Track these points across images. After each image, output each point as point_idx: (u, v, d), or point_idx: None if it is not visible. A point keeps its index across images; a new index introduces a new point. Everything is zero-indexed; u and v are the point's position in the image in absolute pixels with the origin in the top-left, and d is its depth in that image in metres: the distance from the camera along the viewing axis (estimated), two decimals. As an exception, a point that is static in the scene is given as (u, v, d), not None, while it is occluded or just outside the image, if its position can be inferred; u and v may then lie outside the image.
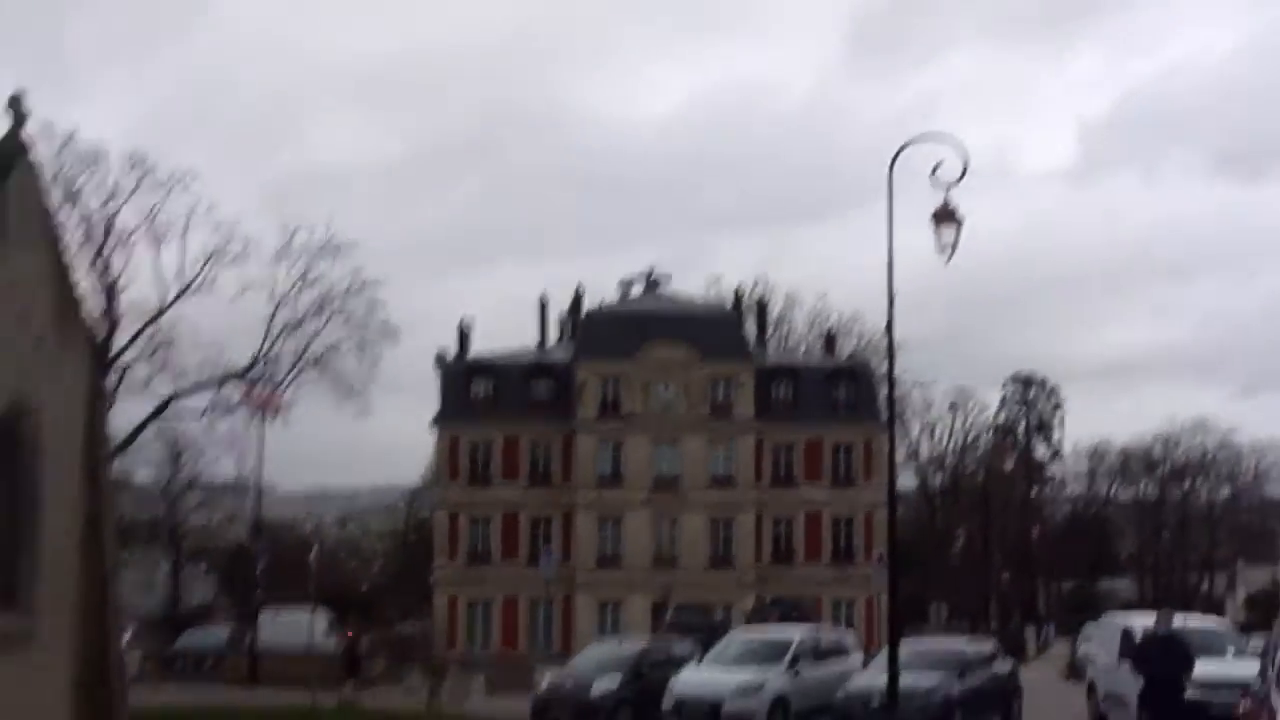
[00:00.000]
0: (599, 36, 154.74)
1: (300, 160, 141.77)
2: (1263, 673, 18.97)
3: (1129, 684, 26.44)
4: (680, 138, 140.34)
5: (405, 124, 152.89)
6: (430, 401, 74.59)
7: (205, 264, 54.75)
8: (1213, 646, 26.24)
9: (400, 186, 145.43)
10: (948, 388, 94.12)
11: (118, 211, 52.77)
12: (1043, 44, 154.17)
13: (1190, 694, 22.41)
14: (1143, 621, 29.16)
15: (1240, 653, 26.89)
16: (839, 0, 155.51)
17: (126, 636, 30.62)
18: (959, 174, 23.13)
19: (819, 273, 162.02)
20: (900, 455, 71.63)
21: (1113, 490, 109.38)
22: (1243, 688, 20.04)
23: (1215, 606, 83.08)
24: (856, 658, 34.43)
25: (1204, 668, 23.35)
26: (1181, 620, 26.87)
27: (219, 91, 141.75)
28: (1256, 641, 30.69)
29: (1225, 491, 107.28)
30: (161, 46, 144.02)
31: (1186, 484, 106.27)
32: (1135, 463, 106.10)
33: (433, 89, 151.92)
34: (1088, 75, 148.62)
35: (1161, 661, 22.70)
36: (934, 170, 23.34)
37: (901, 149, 24.19)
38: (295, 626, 49.58)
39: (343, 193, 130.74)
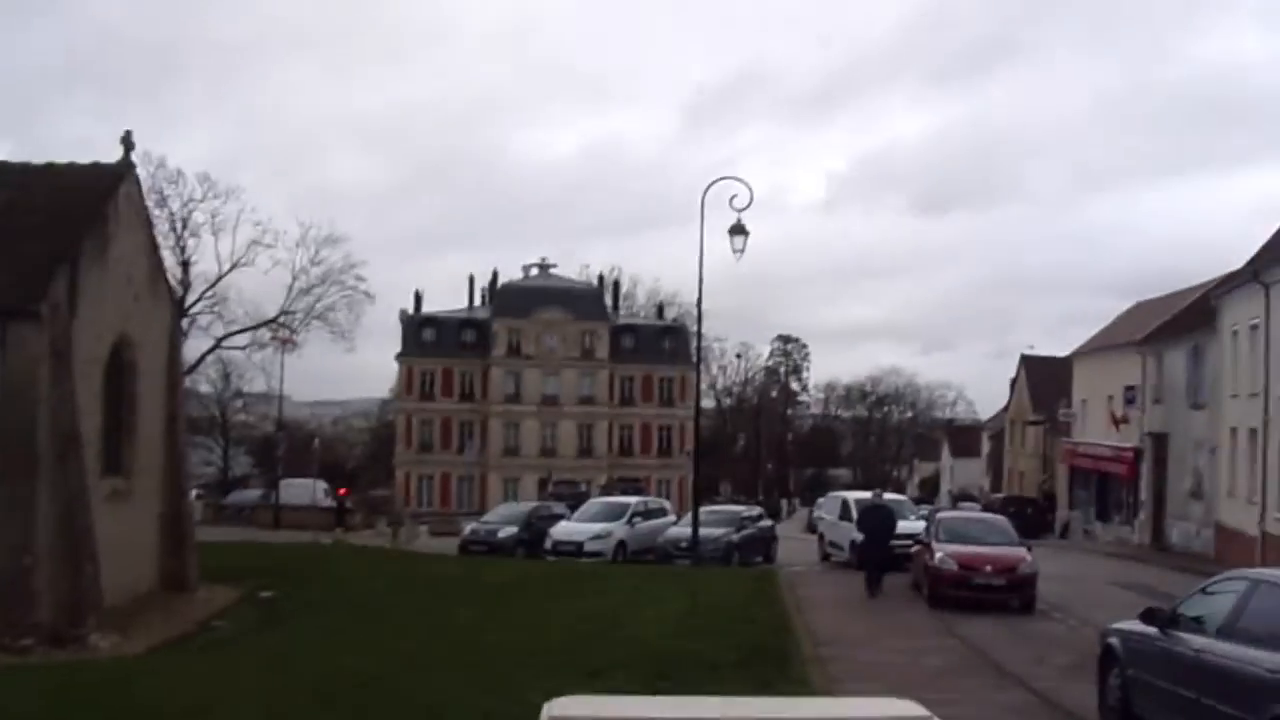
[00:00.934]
0: (521, 103, 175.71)
1: (319, 179, 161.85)
2: (927, 528, 24.91)
3: (844, 535, 30.99)
4: (570, 172, 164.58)
5: (392, 158, 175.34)
6: (395, 343, 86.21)
7: (248, 248, 58.42)
8: (902, 513, 29.45)
9: (384, 198, 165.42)
10: (735, 342, 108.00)
11: (191, 212, 56.44)
12: (807, 122, 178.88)
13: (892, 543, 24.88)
14: (855, 496, 33.40)
15: (917, 517, 30.91)
16: (679, 85, 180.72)
17: (193, 493, 31.94)
18: (747, 203, 27.70)
19: (657, 265, 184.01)
20: (704, 386, 74.53)
21: (839, 412, 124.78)
22: (915, 538, 25.27)
23: (900, 487, 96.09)
24: (672, 517, 38.05)
25: (899, 526, 26.27)
26: (881, 495, 29.35)
27: (265, 130, 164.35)
28: (925, 509, 38.47)
29: (909, 414, 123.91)
30: (228, 99, 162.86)
31: (885, 409, 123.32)
32: (854, 394, 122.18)
33: (410, 132, 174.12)
34: (835, 145, 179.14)
35: (873, 522, 24.79)
36: (731, 200, 27.89)
37: (710, 185, 29.14)
38: (304, 490, 57.19)
39: (345, 200, 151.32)
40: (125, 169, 19.81)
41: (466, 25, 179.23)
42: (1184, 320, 43.74)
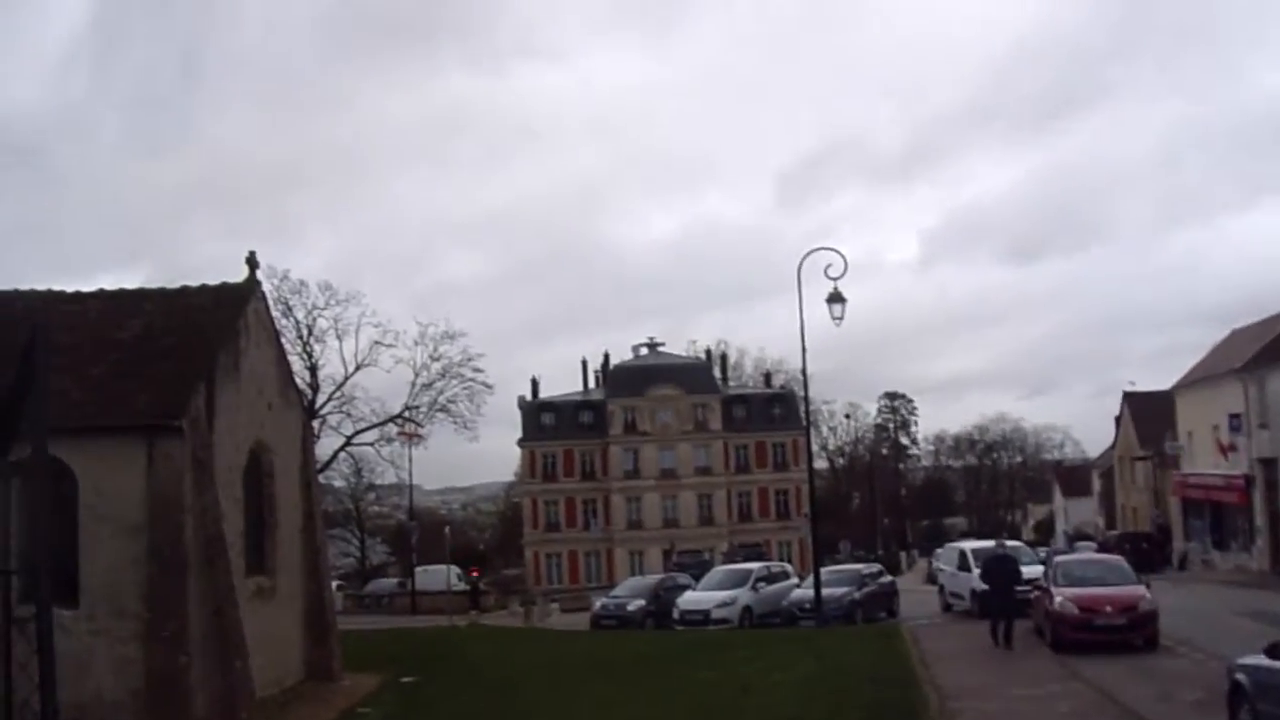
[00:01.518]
0: (619, 189, 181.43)
1: (434, 278, 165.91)
2: (1045, 573, 24.31)
3: (964, 585, 30.34)
4: (672, 252, 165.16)
5: (500, 252, 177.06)
6: (516, 429, 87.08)
7: (370, 349, 58.38)
8: (1020, 558, 26.66)
9: (496, 292, 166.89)
10: (843, 403, 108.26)
11: (316, 319, 56.55)
12: (895, 187, 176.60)
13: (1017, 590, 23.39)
14: (972, 546, 33.03)
15: (1034, 562, 28.96)
16: (769, 163, 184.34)
17: (333, 585, 30.36)
18: (842, 271, 27.88)
19: (761, 334, 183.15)
20: (815, 448, 79.13)
21: (949, 462, 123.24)
22: (1035, 584, 24.12)
23: (1015, 531, 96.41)
24: (794, 580, 37.36)
25: (1024, 571, 24.66)
26: (1004, 545, 27.60)
27: (382, 236, 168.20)
28: (1041, 551, 38.55)
29: (1018, 459, 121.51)
30: (345, 209, 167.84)
31: (995, 455, 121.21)
32: (962, 443, 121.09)
33: (516, 226, 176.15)
34: (925, 203, 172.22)
35: (999, 573, 23.53)
36: (827, 269, 28.07)
37: (806, 256, 29.12)
38: (438, 575, 55.60)
39: (460, 296, 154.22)
40: (251, 287, 20.36)
41: (562, 121, 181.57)
42: (1282, 344, 42.45)
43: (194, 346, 18.45)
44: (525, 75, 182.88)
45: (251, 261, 20.39)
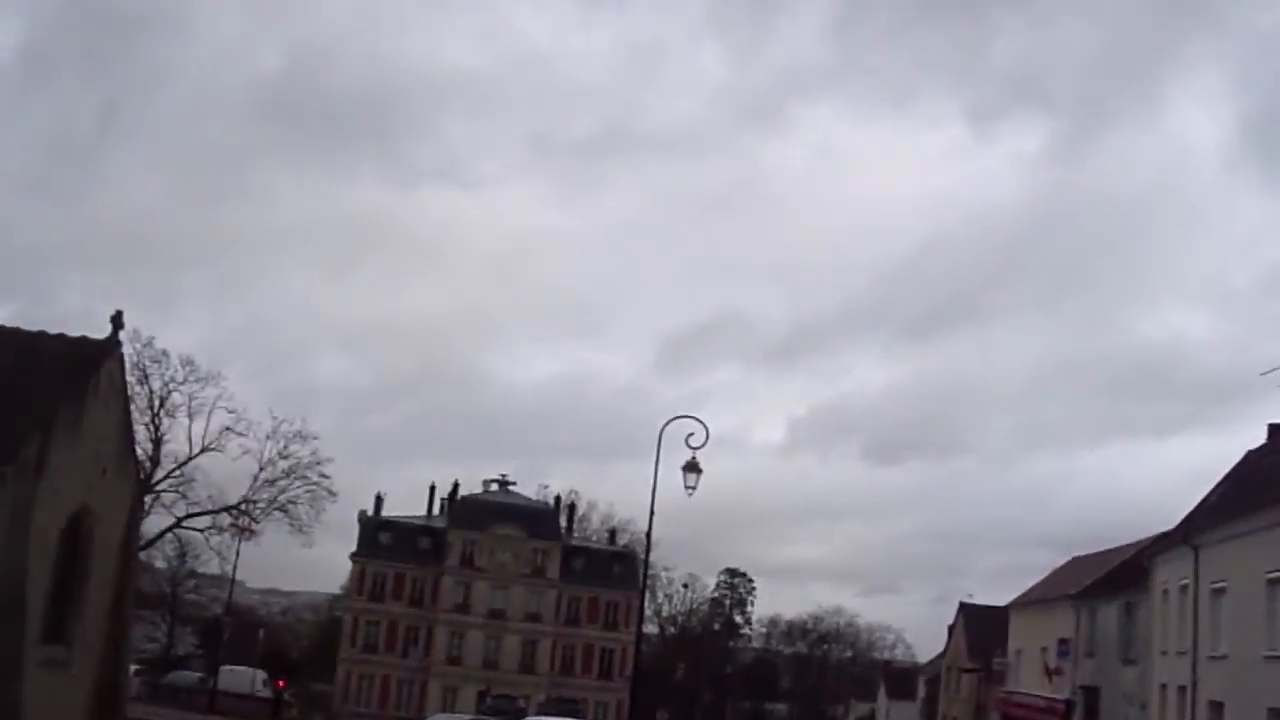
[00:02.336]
0: (503, 324, 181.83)
1: (301, 376, 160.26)
2: None
3: None
4: (542, 394, 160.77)
5: (374, 363, 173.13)
6: (351, 541, 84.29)
7: (220, 434, 57.96)
8: None
9: (361, 400, 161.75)
10: (684, 572, 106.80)
11: (171, 392, 55.81)
12: (772, 370, 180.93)
13: None
14: None
15: None
16: (657, 326, 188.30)
17: (132, 669, 31.26)
18: (703, 441, 26.80)
19: (615, 491, 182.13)
20: (649, 612, 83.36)
21: (780, 647, 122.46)
22: None
23: None
24: None
25: None
26: None
27: (257, 325, 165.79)
28: None
29: (848, 653, 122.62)
30: (226, 291, 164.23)
31: (826, 646, 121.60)
32: (795, 630, 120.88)
33: (396, 343, 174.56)
34: (798, 390, 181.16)
35: None
36: (688, 438, 26.89)
37: (669, 421, 27.85)
38: (243, 677, 56.72)
39: (323, 399, 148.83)
40: (110, 347, 20.16)
41: (462, 249, 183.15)
42: (1117, 577, 43.86)
43: (39, 395, 18.01)
44: (436, 197, 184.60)
45: (116, 321, 20.15)
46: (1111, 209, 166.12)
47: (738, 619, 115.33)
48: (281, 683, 55.02)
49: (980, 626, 63.68)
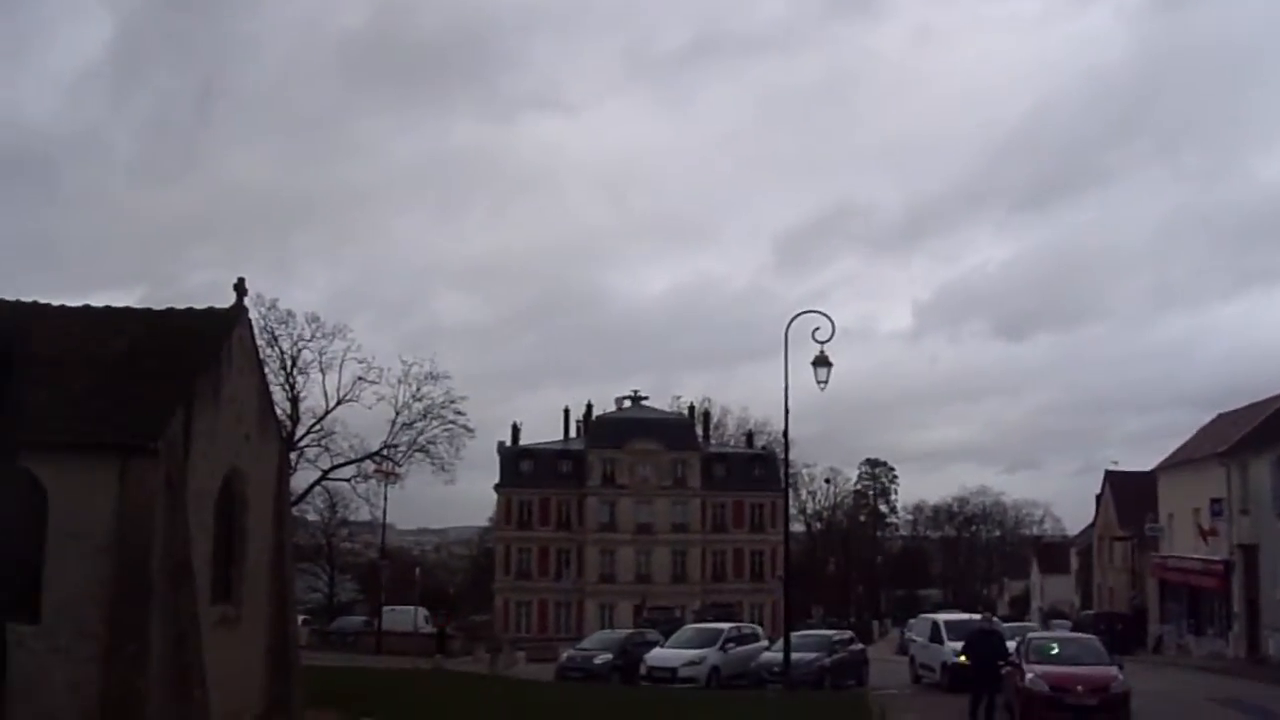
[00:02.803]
0: (619, 245, 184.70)
1: (427, 320, 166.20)
2: (1018, 649, 23.75)
3: (935, 657, 30.58)
4: (665, 309, 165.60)
5: (494, 298, 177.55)
6: (493, 474, 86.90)
7: (353, 384, 58.40)
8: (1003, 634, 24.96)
9: (486, 338, 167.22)
10: (824, 468, 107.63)
11: (300, 351, 56.72)
12: (892, 257, 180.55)
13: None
14: (945, 618, 33.72)
15: (1010, 638, 26.07)
16: (768, 226, 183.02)
17: (299, 620, 30.65)
18: (829, 335, 27.17)
19: (747, 395, 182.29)
20: (793, 511, 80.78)
21: (927, 532, 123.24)
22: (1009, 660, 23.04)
23: (990, 605, 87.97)
24: (764, 642, 37.03)
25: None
26: (991, 619, 26.59)
27: (380, 275, 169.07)
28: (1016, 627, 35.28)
29: (996, 532, 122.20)
30: (346, 247, 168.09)
31: (973, 528, 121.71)
32: (941, 514, 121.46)
33: (514, 276, 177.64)
34: (921, 275, 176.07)
35: (985, 648, 22.65)
36: (814, 332, 27.38)
37: (794, 318, 28.32)
38: (406, 616, 57.87)
39: (451, 339, 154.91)
40: (237, 313, 20.21)
41: (568, 174, 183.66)
42: (1266, 431, 42.72)
43: (175, 369, 18.23)
44: (536, 126, 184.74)
45: (240, 288, 20.26)
46: (1223, 54, 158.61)
47: (882, 509, 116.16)
48: (445, 618, 56.38)
49: (1128, 493, 62.67)
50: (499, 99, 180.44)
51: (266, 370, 25.79)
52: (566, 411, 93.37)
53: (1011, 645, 25.38)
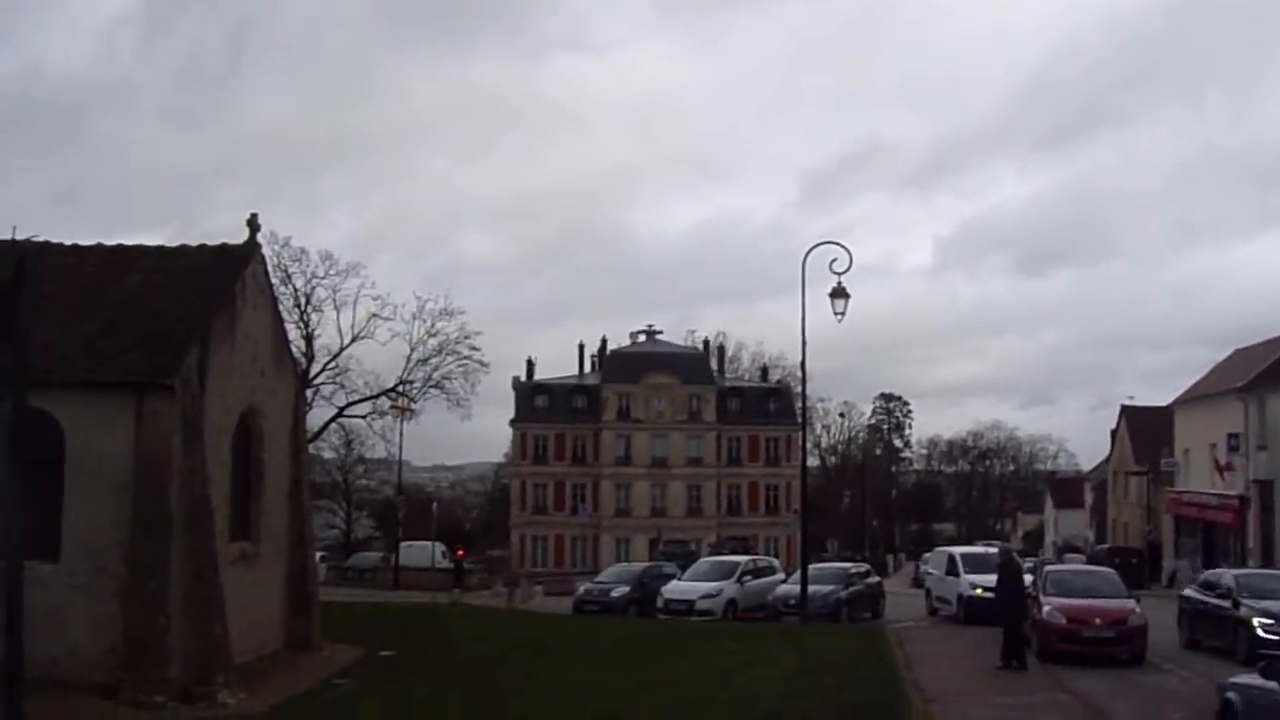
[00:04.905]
0: (640, 181, 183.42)
1: (448, 258, 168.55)
2: (1034, 581, 23.90)
3: (951, 590, 30.55)
4: (688, 244, 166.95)
5: (516, 235, 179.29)
6: (509, 409, 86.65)
7: (368, 321, 57.60)
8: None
9: (506, 274, 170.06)
10: (839, 402, 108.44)
11: (314, 288, 55.85)
12: (914, 194, 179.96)
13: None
14: (961, 551, 34.04)
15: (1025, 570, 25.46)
16: (792, 164, 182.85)
17: (317, 555, 29.84)
18: (847, 266, 27.13)
19: (763, 330, 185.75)
20: (809, 445, 69.88)
21: (942, 467, 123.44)
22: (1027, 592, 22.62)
23: (1004, 539, 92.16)
24: (781, 575, 37.15)
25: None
26: (1012, 552, 26.20)
27: (401, 214, 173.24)
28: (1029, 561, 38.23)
29: (1010, 467, 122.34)
30: (371, 191, 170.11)
31: (988, 463, 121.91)
32: (955, 449, 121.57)
33: (537, 213, 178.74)
34: (939, 212, 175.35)
35: (1007, 577, 22.00)
36: (831, 264, 27.30)
37: (812, 249, 28.28)
38: (423, 552, 57.93)
39: (471, 277, 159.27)
40: (251, 250, 20.03)
41: (595, 112, 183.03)
42: (1285, 366, 42.28)
43: (190, 306, 18.16)
44: (561, 64, 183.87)
45: (252, 224, 20.07)
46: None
47: (897, 443, 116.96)
48: (461, 551, 55.47)
49: (1144, 428, 62.40)
50: (528, 38, 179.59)
51: (280, 307, 25.53)
52: (581, 346, 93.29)
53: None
